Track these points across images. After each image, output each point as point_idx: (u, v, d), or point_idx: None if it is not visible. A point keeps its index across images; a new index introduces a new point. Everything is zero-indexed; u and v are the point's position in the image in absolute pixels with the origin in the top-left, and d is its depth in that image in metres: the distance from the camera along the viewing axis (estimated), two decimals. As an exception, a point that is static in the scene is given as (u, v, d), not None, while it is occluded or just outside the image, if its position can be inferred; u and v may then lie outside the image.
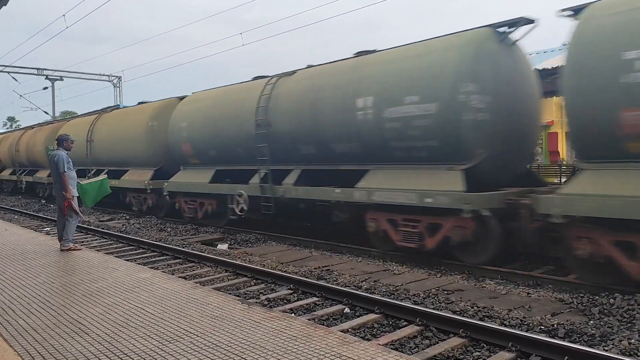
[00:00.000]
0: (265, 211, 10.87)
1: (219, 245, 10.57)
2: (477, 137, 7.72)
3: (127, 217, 15.64)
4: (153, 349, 3.87)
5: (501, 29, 8.11)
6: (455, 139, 7.69)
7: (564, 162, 14.58)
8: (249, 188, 11.37)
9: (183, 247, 9.70)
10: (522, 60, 8.51)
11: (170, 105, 14.80)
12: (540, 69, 11.31)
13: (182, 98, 14.87)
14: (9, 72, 33.99)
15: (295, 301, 6.23)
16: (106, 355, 3.75)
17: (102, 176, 9.95)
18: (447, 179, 7.76)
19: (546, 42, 25.12)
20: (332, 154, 9.63)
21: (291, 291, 6.61)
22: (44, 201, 21.28)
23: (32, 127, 27.23)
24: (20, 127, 42.37)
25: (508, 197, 7.51)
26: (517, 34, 8.15)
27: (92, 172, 16.82)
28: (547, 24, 8.58)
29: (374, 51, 9.62)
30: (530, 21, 7.91)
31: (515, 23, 7.97)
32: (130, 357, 3.71)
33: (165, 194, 14.02)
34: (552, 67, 11.38)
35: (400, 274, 7.77)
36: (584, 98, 6.31)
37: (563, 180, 11.53)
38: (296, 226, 12.21)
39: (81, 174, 13.33)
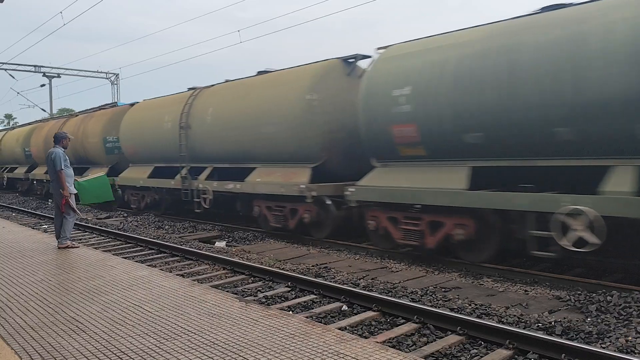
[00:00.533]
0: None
1: (216, 243, 10.57)
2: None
3: (125, 214, 15.63)
4: (150, 346, 3.86)
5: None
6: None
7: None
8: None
9: (181, 245, 9.69)
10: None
11: (334, 68, 10.57)
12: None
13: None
14: (6, 70, 33.96)
15: (292, 299, 6.23)
16: (103, 353, 3.75)
17: (100, 173, 9.95)
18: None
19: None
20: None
21: (289, 289, 6.61)
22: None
23: (75, 113, 24.19)
24: (18, 124, 42.12)
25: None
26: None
27: (185, 170, 13.29)
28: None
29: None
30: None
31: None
32: (128, 355, 3.71)
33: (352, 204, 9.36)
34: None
35: (398, 271, 7.78)
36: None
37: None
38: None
39: (167, 173, 14.04)
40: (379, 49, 9.30)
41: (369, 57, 10.10)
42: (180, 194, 13.41)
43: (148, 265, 7.56)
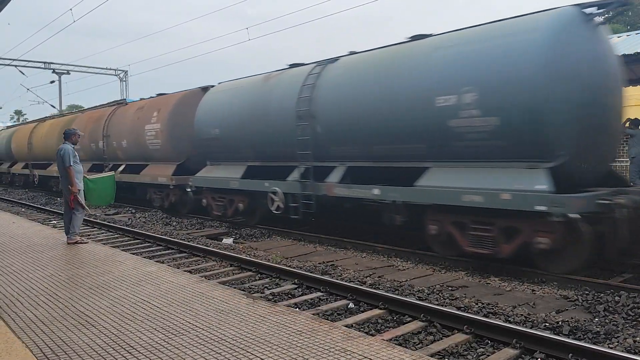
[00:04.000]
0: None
1: (224, 240, 10.61)
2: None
3: (133, 210, 15.72)
4: (159, 342, 3.90)
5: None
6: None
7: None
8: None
9: (188, 241, 9.75)
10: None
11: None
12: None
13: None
14: (16, 66, 34.21)
15: (299, 296, 6.26)
16: (113, 348, 3.79)
17: (109, 172, 9.99)
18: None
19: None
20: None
21: (296, 286, 6.64)
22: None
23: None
24: (27, 120, 42.42)
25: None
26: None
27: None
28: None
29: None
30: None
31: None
32: (137, 350, 3.75)
33: None
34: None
35: (404, 269, 7.78)
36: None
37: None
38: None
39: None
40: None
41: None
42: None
43: (156, 261, 7.62)
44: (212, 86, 13.99)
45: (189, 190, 13.20)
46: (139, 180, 15.58)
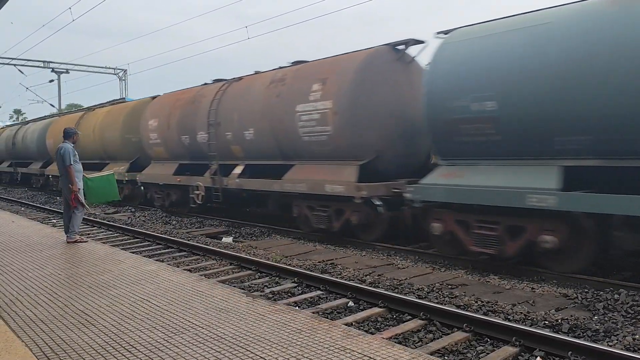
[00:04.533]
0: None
1: (223, 238, 10.61)
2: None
3: (133, 209, 15.72)
4: (159, 340, 3.90)
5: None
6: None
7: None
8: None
9: (188, 240, 9.75)
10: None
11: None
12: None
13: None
14: (15, 65, 34.16)
15: (299, 294, 6.26)
16: (112, 347, 3.79)
17: (108, 172, 9.97)
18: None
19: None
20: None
21: (295, 284, 6.64)
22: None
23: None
24: (27, 119, 42.35)
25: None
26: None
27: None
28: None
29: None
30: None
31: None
32: (136, 349, 3.75)
33: None
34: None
35: (404, 268, 7.78)
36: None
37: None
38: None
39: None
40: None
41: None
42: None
43: (156, 260, 7.62)
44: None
45: (408, 206, 8.44)
46: (279, 188, 10.51)
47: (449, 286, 6.66)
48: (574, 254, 6.73)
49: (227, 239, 10.53)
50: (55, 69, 36.07)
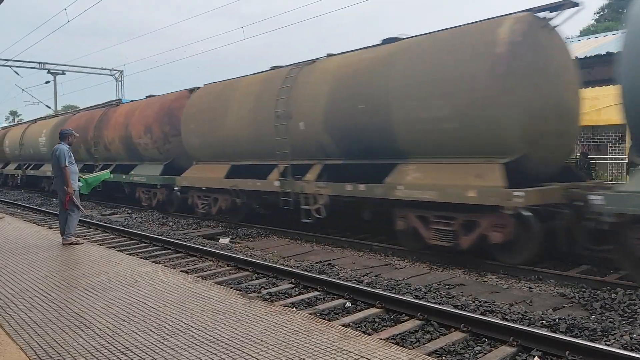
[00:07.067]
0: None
1: (220, 240, 10.59)
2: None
3: (129, 211, 15.67)
4: (154, 342, 3.88)
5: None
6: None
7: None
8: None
9: (185, 241, 9.71)
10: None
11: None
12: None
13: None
14: (10, 66, 34.03)
15: (296, 295, 6.24)
16: (108, 349, 3.76)
17: (105, 171, 9.98)
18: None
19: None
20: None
21: (292, 285, 6.62)
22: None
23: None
24: (23, 121, 42.20)
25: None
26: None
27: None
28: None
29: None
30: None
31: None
32: (132, 351, 3.72)
33: None
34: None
35: (401, 268, 7.77)
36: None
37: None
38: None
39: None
40: None
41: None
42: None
43: (152, 262, 7.58)
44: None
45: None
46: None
47: (447, 286, 6.65)
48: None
49: (224, 240, 10.50)
50: (51, 70, 35.95)
